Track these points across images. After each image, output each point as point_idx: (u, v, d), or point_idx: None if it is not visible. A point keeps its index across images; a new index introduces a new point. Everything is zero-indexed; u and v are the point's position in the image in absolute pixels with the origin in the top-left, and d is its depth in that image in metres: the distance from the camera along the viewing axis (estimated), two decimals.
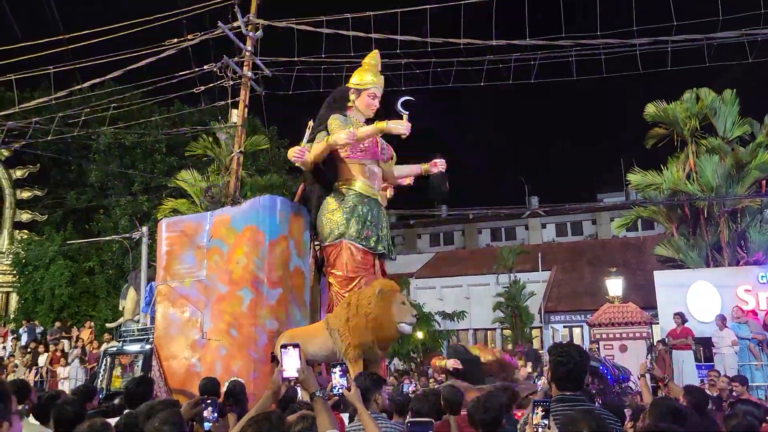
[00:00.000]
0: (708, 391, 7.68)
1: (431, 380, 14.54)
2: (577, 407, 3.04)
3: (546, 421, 3.02)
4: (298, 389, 4.39)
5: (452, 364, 8.16)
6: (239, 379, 5.98)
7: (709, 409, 5.37)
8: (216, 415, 3.72)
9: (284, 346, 3.19)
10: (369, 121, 8.40)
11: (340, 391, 3.32)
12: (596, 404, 4.64)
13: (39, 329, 20.49)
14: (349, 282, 7.82)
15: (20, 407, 3.49)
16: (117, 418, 4.21)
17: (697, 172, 17.09)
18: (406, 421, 3.19)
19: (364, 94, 8.44)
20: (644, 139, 18.71)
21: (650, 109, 17.90)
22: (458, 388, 5.36)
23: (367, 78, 8.46)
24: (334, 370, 3.38)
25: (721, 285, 15.04)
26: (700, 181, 16.94)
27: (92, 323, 20.36)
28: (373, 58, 8.70)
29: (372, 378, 4.11)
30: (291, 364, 3.13)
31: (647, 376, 5.54)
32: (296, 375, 3.13)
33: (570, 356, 3.41)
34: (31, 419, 4.15)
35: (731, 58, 11.55)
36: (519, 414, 4.98)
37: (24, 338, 19.17)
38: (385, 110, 8.49)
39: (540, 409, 3.05)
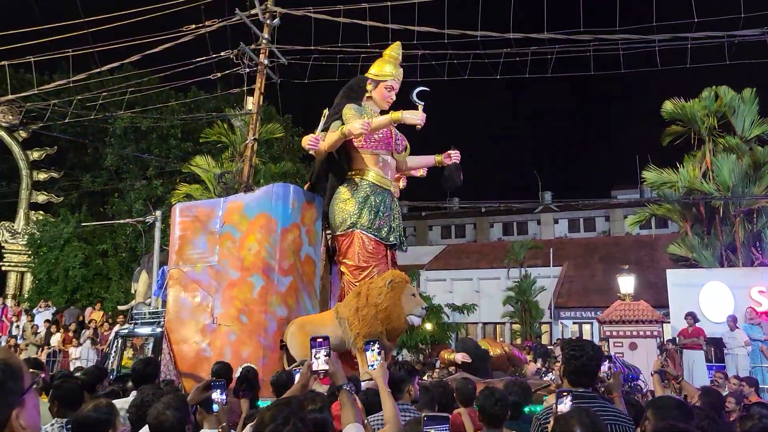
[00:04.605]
0: None
1: (437, 370, 14.54)
2: (586, 404, 3.00)
3: None
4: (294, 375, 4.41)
5: (461, 357, 8.16)
6: (252, 365, 6.00)
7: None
8: (225, 398, 3.72)
9: (314, 339, 3.20)
10: (384, 112, 8.36)
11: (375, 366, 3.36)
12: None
13: (52, 309, 20.71)
14: (360, 271, 7.81)
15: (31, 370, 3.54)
16: (123, 399, 4.27)
17: (713, 171, 16.94)
18: (423, 414, 3.20)
19: (381, 86, 8.37)
20: (661, 136, 18.56)
21: (668, 106, 17.74)
22: (471, 381, 5.36)
23: (386, 69, 8.39)
24: (372, 347, 3.38)
25: (734, 285, 14.92)
26: (716, 180, 16.79)
27: (101, 305, 20.56)
28: (394, 49, 8.60)
29: (406, 368, 4.12)
30: (320, 357, 3.14)
31: (660, 373, 5.49)
32: (326, 368, 3.15)
33: (583, 350, 3.37)
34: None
35: (752, 57, 11.40)
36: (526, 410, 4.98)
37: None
38: (400, 100, 8.44)
39: (568, 398, 3.00)
